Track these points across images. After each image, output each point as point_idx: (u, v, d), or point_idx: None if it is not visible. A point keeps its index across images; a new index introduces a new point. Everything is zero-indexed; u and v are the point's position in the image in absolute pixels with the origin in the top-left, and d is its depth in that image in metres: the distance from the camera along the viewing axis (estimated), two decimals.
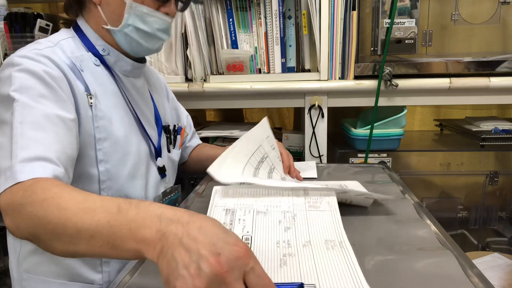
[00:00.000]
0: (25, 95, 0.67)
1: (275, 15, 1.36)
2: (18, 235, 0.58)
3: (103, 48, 0.85)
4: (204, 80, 1.41)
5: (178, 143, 1.05)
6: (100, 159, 0.79)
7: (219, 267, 0.40)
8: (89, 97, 0.78)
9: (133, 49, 0.86)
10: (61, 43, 0.81)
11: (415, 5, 1.29)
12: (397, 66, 1.32)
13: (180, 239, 0.43)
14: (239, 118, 2.05)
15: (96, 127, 0.79)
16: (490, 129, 1.43)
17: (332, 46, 1.33)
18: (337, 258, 0.57)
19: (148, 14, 0.81)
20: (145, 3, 0.81)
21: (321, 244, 0.61)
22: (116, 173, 0.82)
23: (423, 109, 1.95)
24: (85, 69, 0.81)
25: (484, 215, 1.49)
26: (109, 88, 0.84)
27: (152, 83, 1.03)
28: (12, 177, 0.59)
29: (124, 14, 0.80)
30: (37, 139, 0.64)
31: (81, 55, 0.82)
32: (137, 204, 0.49)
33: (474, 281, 0.53)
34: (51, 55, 0.75)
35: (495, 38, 1.36)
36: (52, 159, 0.64)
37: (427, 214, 0.76)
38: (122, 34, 0.83)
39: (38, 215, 0.54)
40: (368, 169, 1.13)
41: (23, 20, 1.42)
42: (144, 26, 0.82)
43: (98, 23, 0.84)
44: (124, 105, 0.87)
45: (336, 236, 0.64)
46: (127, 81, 0.89)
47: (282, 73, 1.40)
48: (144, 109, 0.93)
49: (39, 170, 0.61)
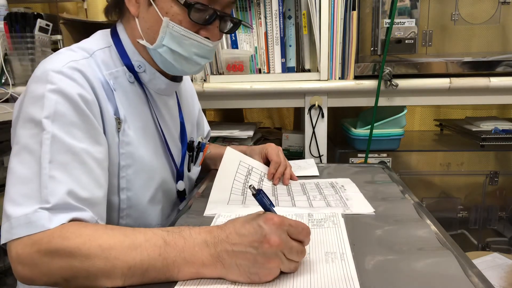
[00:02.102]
0: (57, 124, 0.62)
1: (275, 15, 1.36)
2: (37, 283, 0.56)
3: (139, 64, 0.79)
4: (204, 80, 1.41)
5: (199, 161, 0.99)
6: (122, 187, 0.75)
7: (274, 243, 0.51)
8: (118, 122, 0.73)
9: (167, 69, 0.80)
10: (97, 54, 0.75)
11: (415, 5, 1.29)
12: (397, 66, 1.32)
13: (233, 251, 0.52)
14: (239, 118, 2.05)
15: (121, 153, 0.74)
16: (490, 129, 1.43)
17: (332, 46, 1.33)
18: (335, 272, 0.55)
19: (185, 36, 0.73)
20: (183, 24, 0.73)
21: (320, 256, 0.59)
22: (137, 200, 0.77)
23: (423, 109, 1.95)
24: (118, 88, 0.76)
25: (484, 215, 1.49)
26: (140, 109, 0.79)
27: (185, 97, 0.98)
28: (37, 224, 0.56)
29: (160, 33, 0.73)
30: (65, 183, 0.60)
31: (116, 71, 0.76)
32: (179, 234, 0.55)
33: (474, 281, 0.52)
34: (86, 69, 0.70)
35: (495, 38, 1.36)
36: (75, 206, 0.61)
37: (427, 214, 0.76)
38: (157, 53, 0.76)
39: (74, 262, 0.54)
40: (368, 169, 1.13)
41: (23, 20, 1.42)
42: (179, 49, 0.74)
43: (135, 35, 0.78)
44: (153, 126, 0.82)
45: (338, 248, 0.62)
46: (159, 100, 0.84)
47: (282, 73, 1.40)
48: (172, 129, 0.88)
49: (64, 216, 0.58)
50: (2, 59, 1.40)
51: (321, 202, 0.83)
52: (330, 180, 0.98)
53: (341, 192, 0.89)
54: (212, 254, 0.53)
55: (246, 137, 1.49)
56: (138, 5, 0.75)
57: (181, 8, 0.72)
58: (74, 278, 0.55)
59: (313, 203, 0.82)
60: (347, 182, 0.96)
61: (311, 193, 0.89)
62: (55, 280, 0.56)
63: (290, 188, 0.94)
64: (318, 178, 1.02)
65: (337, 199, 0.84)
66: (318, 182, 0.97)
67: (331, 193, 0.88)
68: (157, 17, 0.73)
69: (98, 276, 0.54)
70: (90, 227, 0.58)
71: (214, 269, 0.53)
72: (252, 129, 1.52)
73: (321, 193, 0.89)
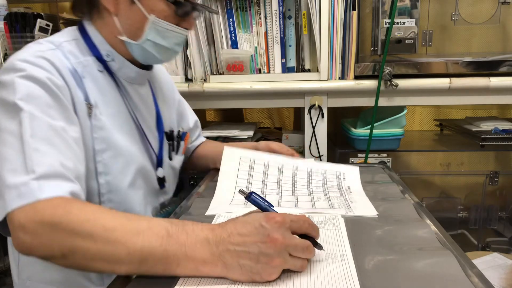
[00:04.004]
0: (32, 105, 0.64)
1: (275, 15, 1.36)
2: (35, 253, 0.57)
3: (107, 53, 0.81)
4: (204, 80, 1.41)
5: (181, 149, 1.01)
6: (100, 171, 0.76)
7: (276, 242, 0.51)
8: (88, 107, 0.75)
9: (146, 61, 0.85)
10: (64, 45, 0.77)
11: (415, 5, 1.29)
12: (397, 66, 1.32)
13: (235, 251, 0.52)
14: (239, 118, 2.05)
15: (95, 138, 0.75)
16: (490, 129, 1.43)
17: (332, 46, 1.33)
18: (335, 272, 0.55)
19: (169, 30, 0.79)
20: (167, 19, 0.78)
21: (321, 257, 0.59)
22: (117, 185, 0.79)
23: (423, 109, 1.95)
24: (87, 76, 0.77)
25: (484, 215, 1.49)
26: (111, 96, 0.81)
27: (159, 87, 0.99)
28: (30, 194, 0.57)
29: (145, 29, 0.77)
30: (51, 155, 0.62)
31: (85, 60, 0.78)
32: (182, 227, 0.55)
33: (474, 281, 0.52)
34: (53, 58, 0.71)
35: (495, 38, 1.36)
36: (68, 176, 0.63)
37: (427, 214, 0.76)
38: (139, 47, 0.80)
39: (75, 238, 0.54)
40: (368, 169, 1.13)
41: (23, 20, 1.42)
42: (163, 42, 0.80)
43: (111, 32, 0.80)
44: (126, 113, 0.84)
45: (338, 248, 0.62)
46: (130, 88, 0.85)
47: (282, 73, 1.40)
48: (147, 117, 0.90)
49: (57, 188, 0.59)
50: (2, 59, 1.40)
51: (324, 204, 0.82)
52: (337, 169, 0.97)
53: (346, 195, 0.88)
54: (214, 252, 0.53)
55: (246, 137, 1.49)
56: (116, 3, 0.77)
57: (168, 5, 0.78)
58: (72, 255, 0.55)
59: (316, 204, 0.82)
60: (353, 175, 0.96)
61: (316, 193, 0.88)
62: (53, 253, 0.56)
63: (295, 187, 0.92)
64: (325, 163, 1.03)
65: (341, 202, 0.83)
66: (326, 173, 0.96)
67: (335, 195, 0.88)
68: (141, 15, 0.77)
69: (95, 258, 0.54)
70: (94, 206, 0.60)
71: (215, 267, 0.53)
72: (252, 129, 1.52)
73: (326, 193, 0.89)
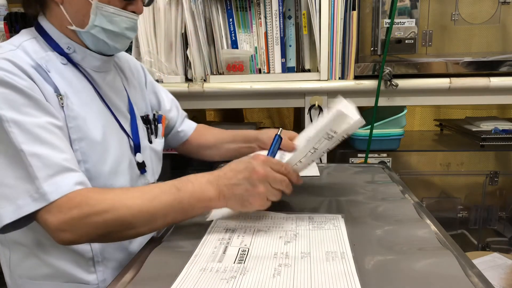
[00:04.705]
0: (9, 110, 0.65)
1: (275, 15, 1.36)
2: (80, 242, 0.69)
3: (68, 46, 0.81)
4: (204, 80, 1.41)
5: (160, 132, 1.01)
6: (79, 160, 0.76)
7: (259, 173, 0.67)
8: (60, 98, 0.75)
9: (99, 49, 0.83)
10: (24, 45, 0.77)
11: (415, 5, 1.29)
12: (397, 66, 1.32)
13: (230, 184, 0.68)
14: (239, 118, 2.05)
15: (70, 127, 0.76)
16: (490, 129, 1.43)
17: (332, 46, 1.33)
18: (335, 270, 0.55)
19: (115, 14, 0.78)
20: (112, 3, 0.78)
21: (321, 255, 0.59)
22: (97, 172, 0.79)
23: (423, 109, 1.95)
24: (52, 70, 0.77)
25: (484, 215, 1.49)
26: (80, 86, 0.81)
27: (127, 73, 0.99)
28: (43, 198, 0.63)
29: (90, 15, 0.77)
30: (46, 155, 0.65)
31: (46, 55, 0.78)
32: (187, 180, 0.69)
33: (474, 281, 0.53)
34: (15, 58, 0.71)
35: (495, 38, 1.36)
36: (70, 167, 0.67)
37: (427, 214, 0.76)
38: (89, 35, 0.79)
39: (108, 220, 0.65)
40: (368, 169, 1.13)
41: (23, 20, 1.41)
42: (111, 27, 0.79)
43: (62, 22, 0.79)
44: (98, 101, 0.84)
45: (338, 248, 0.62)
46: (97, 76, 0.85)
47: (282, 73, 1.40)
48: (118, 103, 0.89)
49: (67, 184, 0.65)
50: None
51: None
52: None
53: None
54: (215, 188, 0.68)
55: None
56: None
57: None
58: (108, 233, 0.66)
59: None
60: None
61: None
62: (93, 237, 0.67)
63: None
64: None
65: None
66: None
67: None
68: (84, 1, 0.76)
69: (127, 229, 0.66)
70: (109, 191, 0.69)
71: (218, 201, 0.68)
72: (252, 129, 1.52)
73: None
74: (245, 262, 0.59)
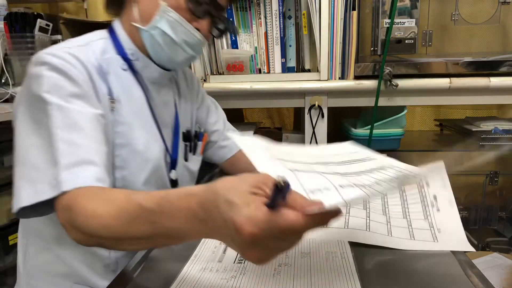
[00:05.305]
0: (56, 96, 0.67)
1: (275, 15, 1.36)
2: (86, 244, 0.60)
3: (132, 52, 0.83)
4: (204, 80, 1.41)
5: (199, 150, 1.00)
6: (117, 166, 0.77)
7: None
8: (111, 101, 0.77)
9: (155, 53, 0.83)
10: (92, 44, 0.80)
11: (415, 5, 1.29)
12: (397, 66, 1.32)
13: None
14: (239, 118, 2.05)
15: (115, 132, 0.77)
16: (490, 129, 1.43)
17: (332, 46, 1.33)
18: (335, 270, 0.55)
19: (178, 22, 0.79)
20: (179, 12, 0.78)
21: (321, 255, 0.59)
22: (132, 181, 0.79)
23: (423, 109, 1.95)
24: (111, 72, 0.79)
25: (484, 215, 1.49)
26: (134, 94, 0.82)
27: (181, 86, 0.99)
28: (58, 186, 0.60)
29: (155, 16, 0.78)
30: (77, 142, 0.64)
31: (110, 57, 0.80)
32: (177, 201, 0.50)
33: (474, 281, 0.53)
34: (79, 54, 0.74)
35: (495, 38, 1.36)
36: (93, 160, 0.64)
37: None
38: (148, 35, 0.80)
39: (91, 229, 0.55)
40: None
41: (23, 20, 1.42)
42: (171, 32, 0.79)
43: (131, 20, 0.82)
44: (148, 112, 0.85)
45: (338, 247, 0.62)
46: (152, 88, 0.86)
47: (282, 73, 1.40)
48: (166, 118, 0.90)
49: (81, 176, 0.61)
50: (2, 59, 1.40)
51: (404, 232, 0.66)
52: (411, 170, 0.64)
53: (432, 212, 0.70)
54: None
55: None
56: None
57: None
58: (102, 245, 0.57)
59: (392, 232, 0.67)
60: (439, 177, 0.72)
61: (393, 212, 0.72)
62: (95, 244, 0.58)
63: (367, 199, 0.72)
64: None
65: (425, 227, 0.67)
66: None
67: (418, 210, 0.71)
68: (155, 2, 0.78)
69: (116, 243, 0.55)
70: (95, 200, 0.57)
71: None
72: (252, 129, 1.52)
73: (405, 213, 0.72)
74: (245, 262, 0.59)
